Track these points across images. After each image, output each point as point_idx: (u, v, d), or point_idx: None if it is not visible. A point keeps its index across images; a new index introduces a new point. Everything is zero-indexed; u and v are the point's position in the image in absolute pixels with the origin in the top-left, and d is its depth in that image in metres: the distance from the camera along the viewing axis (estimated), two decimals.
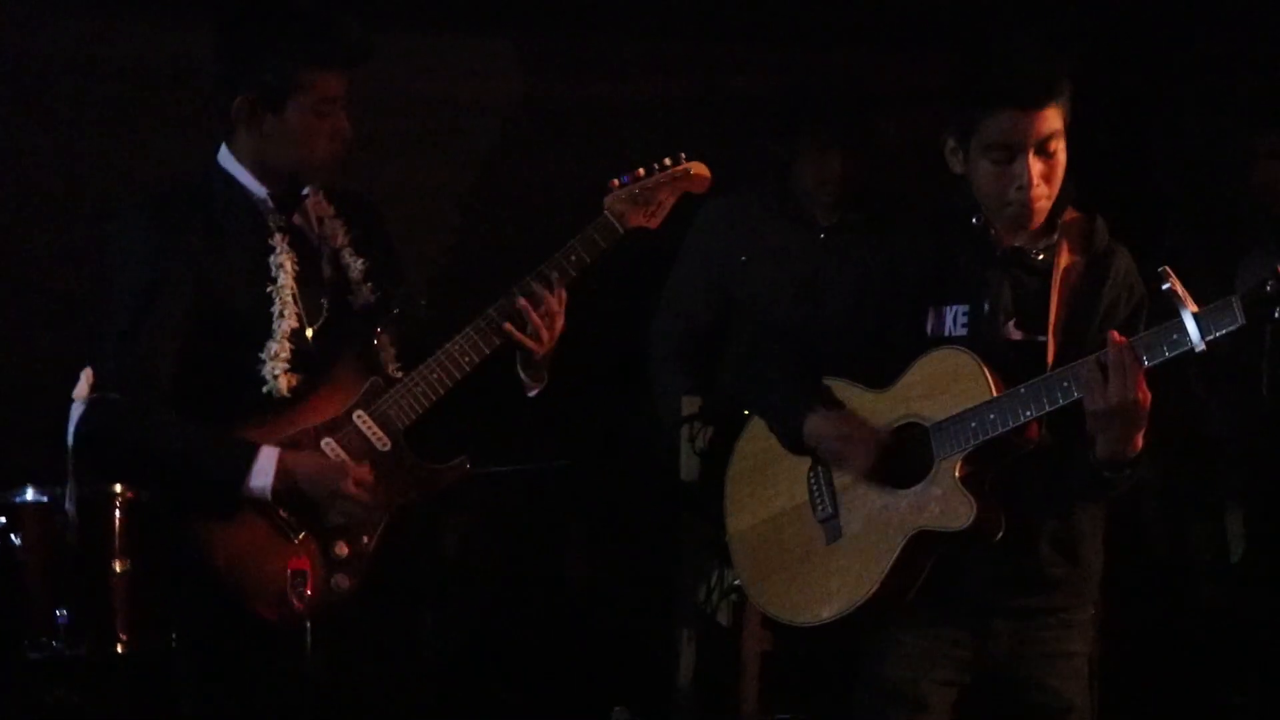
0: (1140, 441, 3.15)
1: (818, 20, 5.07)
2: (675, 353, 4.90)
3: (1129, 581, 4.16)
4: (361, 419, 3.44)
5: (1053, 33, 3.53)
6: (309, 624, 3.28)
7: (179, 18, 4.14)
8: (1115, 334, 3.12)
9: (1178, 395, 3.44)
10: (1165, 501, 4.79)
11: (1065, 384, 3.15)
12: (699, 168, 3.73)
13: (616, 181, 3.68)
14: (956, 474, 3.28)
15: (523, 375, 3.62)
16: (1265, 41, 5.19)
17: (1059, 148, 3.32)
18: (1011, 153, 3.29)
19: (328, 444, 3.40)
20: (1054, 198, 3.37)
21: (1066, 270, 3.39)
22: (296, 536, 3.38)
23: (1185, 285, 3.07)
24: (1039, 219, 3.38)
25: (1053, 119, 3.29)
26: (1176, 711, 4.69)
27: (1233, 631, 4.77)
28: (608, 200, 3.66)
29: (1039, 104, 3.27)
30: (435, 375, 3.50)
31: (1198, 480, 4.78)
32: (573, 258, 3.57)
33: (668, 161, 3.72)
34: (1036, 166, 3.29)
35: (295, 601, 3.23)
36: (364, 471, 3.42)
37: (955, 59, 3.60)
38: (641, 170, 3.69)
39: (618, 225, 3.61)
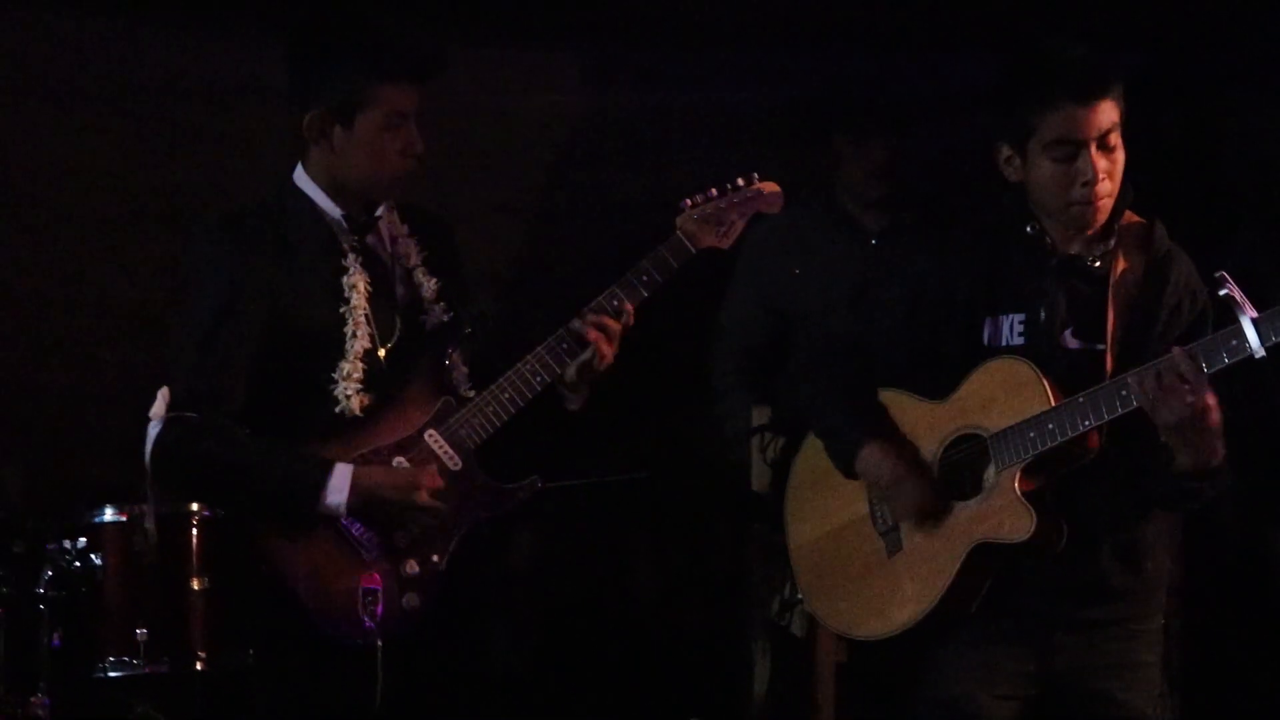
0: (1221, 449, 3.18)
1: (878, 24, 5.06)
2: (736, 371, 4.99)
3: (1209, 590, 4.20)
4: (433, 438, 3.53)
5: (1114, 28, 3.60)
6: (380, 642, 3.33)
7: (257, 35, 4.22)
8: (1178, 350, 3.13)
9: (1254, 398, 3.49)
10: (1243, 507, 4.73)
11: (1123, 393, 3.19)
12: (771, 187, 3.80)
13: (689, 201, 3.76)
14: (1016, 485, 3.34)
15: (567, 393, 3.68)
16: None
17: (1118, 142, 3.38)
18: (1074, 149, 3.34)
19: (399, 463, 3.49)
20: (1115, 195, 3.42)
21: (1123, 277, 3.45)
22: (369, 555, 3.44)
23: (1258, 291, 3.12)
24: (1102, 217, 3.42)
25: (1110, 111, 3.35)
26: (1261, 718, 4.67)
27: None
28: (680, 220, 3.72)
29: (1096, 96, 3.33)
30: (507, 395, 3.57)
31: (1275, 485, 4.76)
32: (644, 278, 3.65)
33: (740, 182, 3.76)
34: (1100, 162, 3.34)
35: (366, 620, 3.35)
36: (436, 480, 3.46)
37: (1002, 63, 3.64)
38: (714, 190, 3.75)
39: (689, 245, 3.69)
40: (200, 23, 4.72)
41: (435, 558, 3.51)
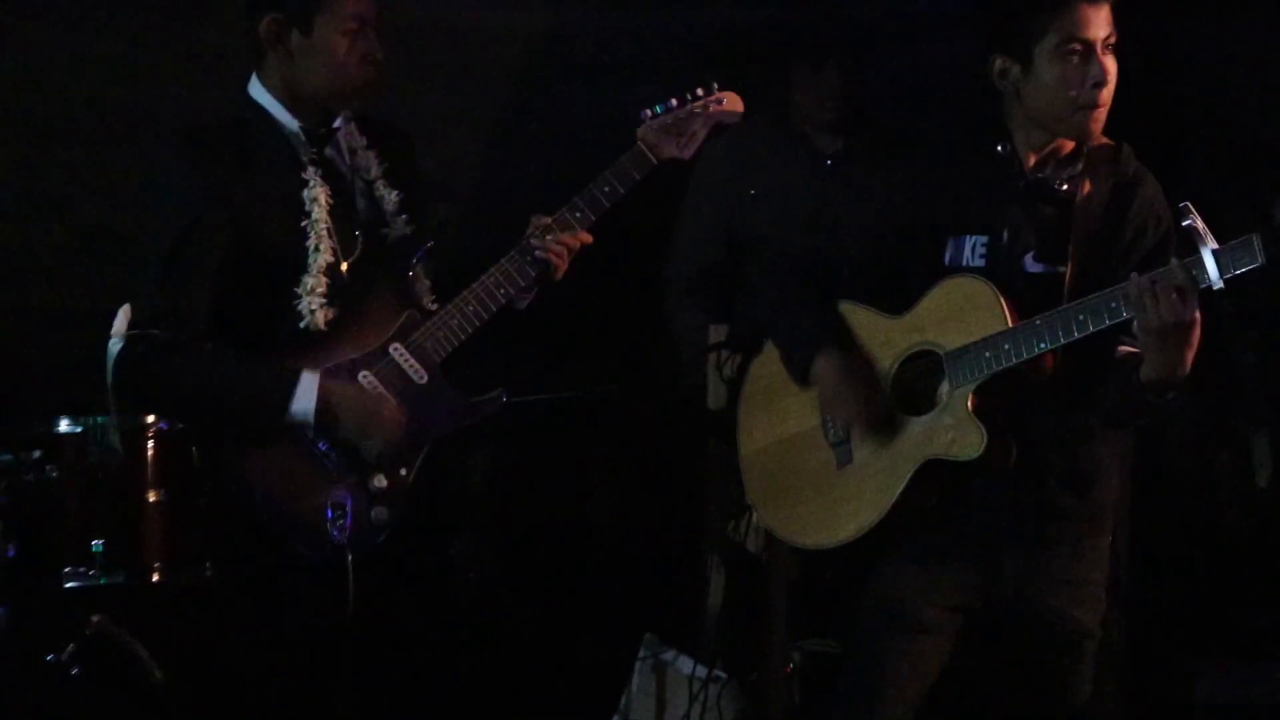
0: (1188, 364, 3.20)
1: None
2: (689, 291, 5.00)
3: (1156, 509, 4.26)
4: (398, 351, 3.56)
5: None
6: (350, 556, 3.38)
7: None
8: (1175, 259, 3.16)
9: (1207, 326, 3.58)
10: (1191, 430, 4.85)
11: (1114, 304, 3.20)
12: (732, 97, 3.83)
13: (650, 112, 3.77)
14: (969, 404, 3.37)
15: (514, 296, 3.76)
16: None
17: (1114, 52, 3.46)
18: (1085, 49, 3.37)
19: (365, 377, 3.53)
20: (1106, 109, 3.44)
21: (1089, 200, 3.48)
22: (336, 470, 3.46)
23: (1209, 219, 3.15)
24: (1100, 127, 3.44)
25: (1111, 18, 3.39)
26: (1204, 635, 4.71)
27: (1259, 554, 4.85)
28: (640, 131, 3.76)
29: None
30: (471, 308, 3.61)
31: (1223, 408, 4.85)
32: (606, 189, 3.69)
33: (700, 91, 3.78)
34: (1109, 64, 3.39)
35: (335, 533, 3.39)
36: (399, 411, 3.51)
37: None
38: (675, 101, 3.79)
39: (651, 156, 3.72)
40: None
41: (403, 471, 3.54)
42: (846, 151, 4.92)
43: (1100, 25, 3.37)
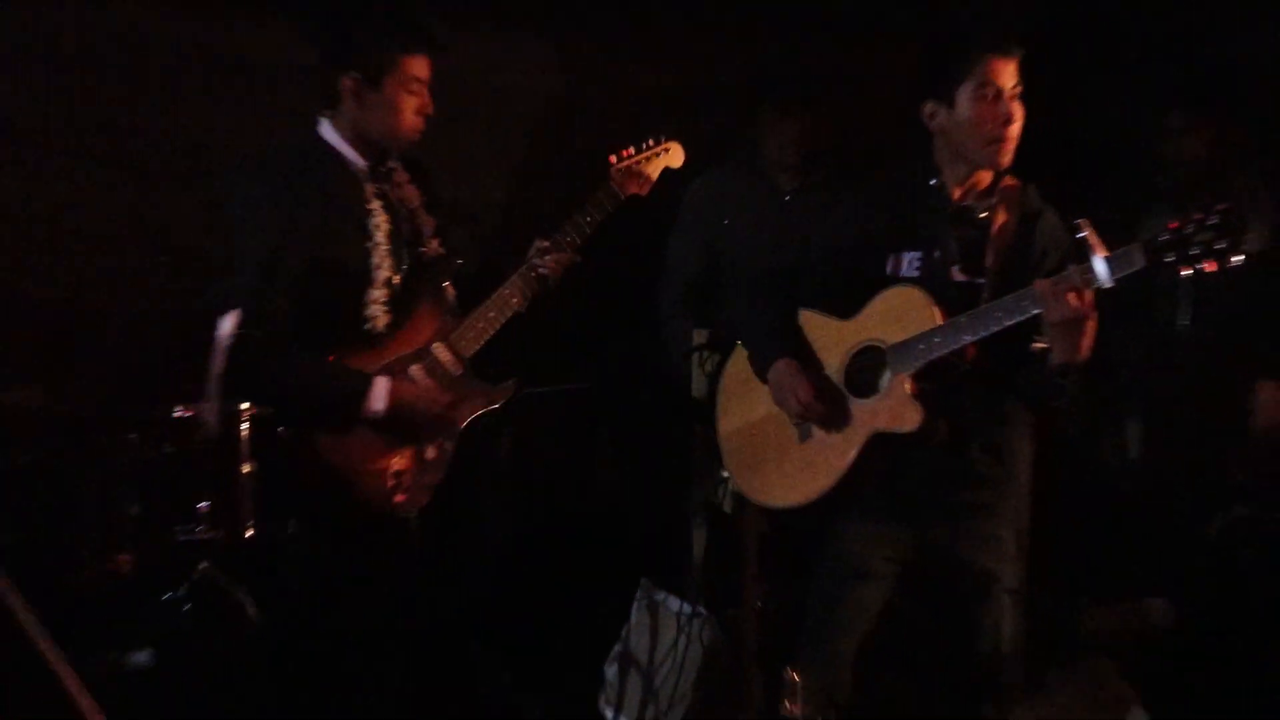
0: (1087, 351, 3.31)
1: (784, 19, 5.25)
2: (678, 302, 5.06)
3: (1056, 477, 4.23)
4: (439, 349, 3.74)
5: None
6: (411, 513, 3.62)
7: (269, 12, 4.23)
8: (1040, 282, 3.28)
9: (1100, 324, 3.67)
10: (1081, 411, 4.95)
11: (1024, 302, 3.30)
12: (676, 148, 4.00)
13: (614, 159, 3.93)
14: (907, 387, 3.49)
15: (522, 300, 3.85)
16: (1174, 38, 5.33)
17: (1020, 101, 3.54)
18: (997, 92, 3.49)
19: (415, 370, 3.69)
20: (1015, 144, 3.54)
21: (1002, 226, 3.57)
22: (398, 445, 3.64)
23: (1105, 232, 3.29)
24: (1008, 159, 3.54)
25: (1017, 71, 3.51)
26: (1090, 576, 4.87)
27: (1134, 508, 4.95)
28: (611, 172, 3.90)
29: (1012, 54, 3.50)
30: (492, 314, 3.77)
31: (1104, 395, 4.95)
32: (586, 218, 3.86)
33: (651, 142, 4.00)
34: (1016, 109, 3.50)
35: (398, 496, 3.59)
36: (445, 397, 3.69)
37: (929, 36, 3.74)
38: (632, 149, 3.95)
39: (619, 193, 3.88)
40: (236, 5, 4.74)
41: (447, 444, 3.72)
42: (803, 188, 4.99)
43: (1009, 76, 3.50)
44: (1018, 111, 3.52)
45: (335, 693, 3.76)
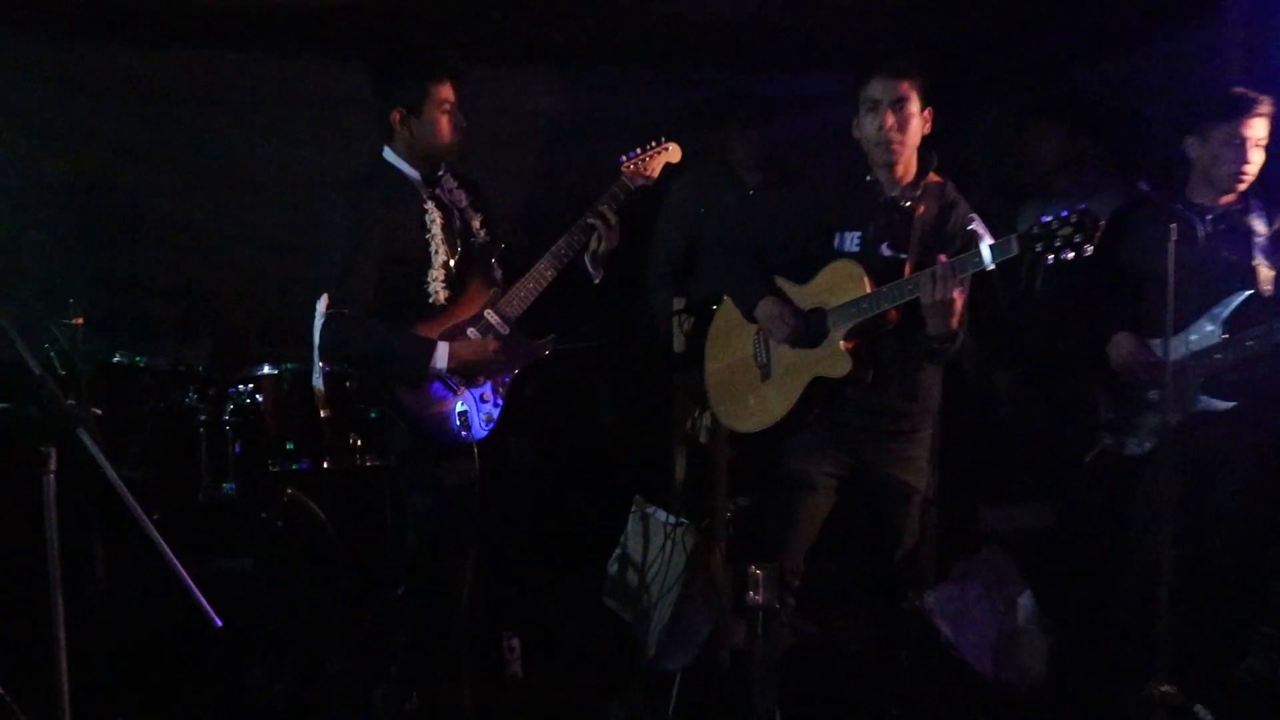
0: (954, 324, 3.37)
1: (741, 53, 5.18)
2: (662, 277, 5.05)
3: (959, 408, 4.29)
4: (490, 314, 3.70)
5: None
6: (475, 443, 3.62)
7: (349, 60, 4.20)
8: (943, 257, 3.32)
9: (989, 295, 3.71)
10: (980, 359, 4.92)
11: (910, 286, 3.37)
12: (674, 147, 3.90)
13: (625, 156, 3.84)
14: (842, 342, 3.53)
15: (590, 269, 3.75)
16: (1033, 67, 5.32)
17: (910, 111, 3.52)
18: (878, 106, 3.51)
19: (471, 331, 3.67)
20: (907, 145, 3.54)
21: (924, 214, 3.57)
22: (459, 391, 3.63)
23: (990, 225, 3.41)
24: (897, 156, 3.54)
25: (902, 89, 3.50)
26: (987, 484, 4.85)
27: (1017, 431, 4.94)
28: (622, 170, 3.83)
29: (892, 76, 3.50)
30: (531, 284, 3.71)
31: (996, 345, 4.92)
32: (603, 206, 3.73)
33: (653, 144, 3.85)
34: (889, 118, 3.49)
35: (463, 432, 3.59)
36: (495, 344, 3.64)
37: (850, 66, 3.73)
38: (640, 149, 3.85)
39: (630, 184, 3.80)
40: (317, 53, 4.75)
41: (500, 389, 3.72)
42: (763, 184, 4.99)
43: (887, 91, 3.51)
44: (892, 122, 3.51)
45: (400, 591, 3.78)
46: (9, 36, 4.40)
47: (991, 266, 3.28)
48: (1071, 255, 3.18)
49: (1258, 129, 3.76)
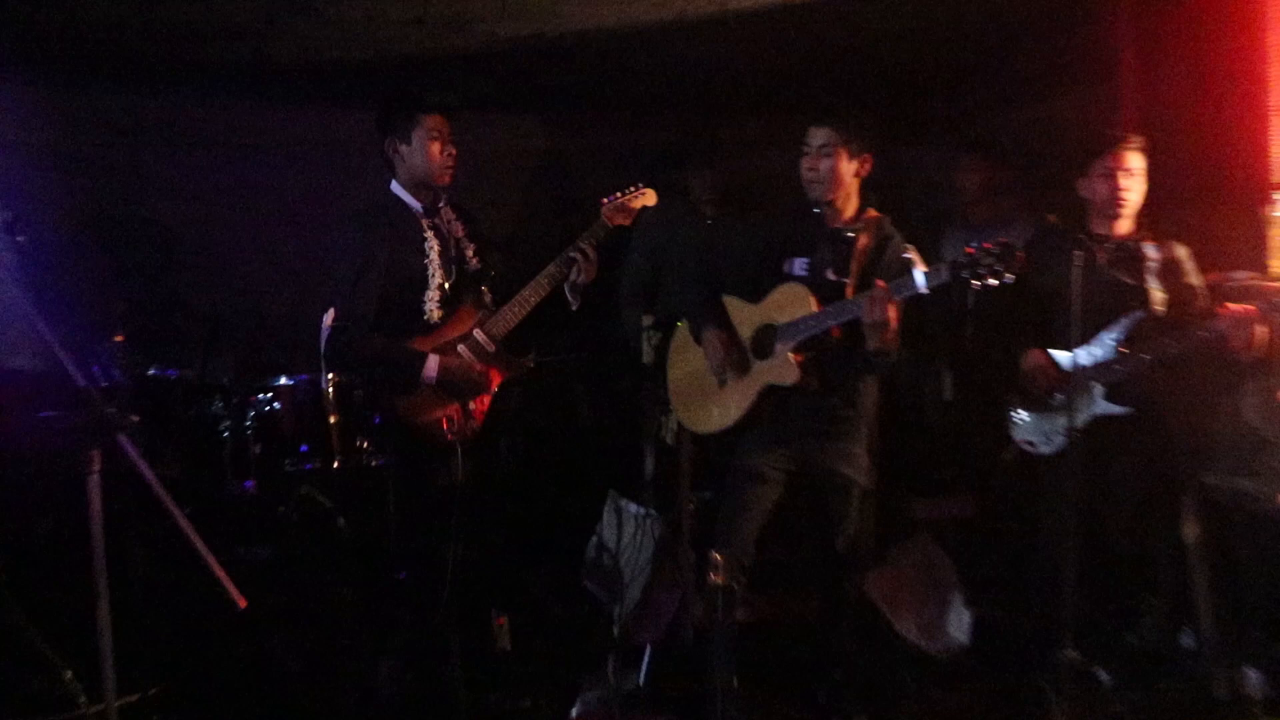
0: (890, 343, 3.39)
1: (702, 101, 5.22)
2: (631, 299, 5.02)
3: (894, 411, 4.35)
4: (478, 333, 3.71)
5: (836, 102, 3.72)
6: (459, 447, 3.59)
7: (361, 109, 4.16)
8: (880, 282, 3.35)
9: (921, 313, 3.73)
10: (912, 369, 4.93)
11: (852, 307, 3.39)
12: (649, 192, 3.90)
13: (605, 200, 3.85)
14: (791, 355, 3.56)
15: (569, 297, 3.77)
16: (941, 111, 5.43)
17: (834, 155, 3.55)
18: (808, 148, 3.56)
19: (460, 348, 3.67)
20: (828, 183, 3.55)
21: (864, 244, 3.61)
22: (448, 400, 3.62)
23: (919, 253, 3.44)
24: (819, 190, 3.57)
25: (824, 135, 3.55)
26: (921, 480, 4.86)
27: (946, 434, 5.00)
28: (602, 209, 3.84)
29: (816, 123, 3.57)
30: (516, 309, 3.72)
31: (926, 357, 4.94)
32: (584, 243, 3.74)
33: (631, 188, 3.88)
34: (811, 157, 3.55)
35: (449, 435, 3.57)
36: (479, 366, 3.64)
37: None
38: (619, 193, 3.86)
39: (609, 223, 3.81)
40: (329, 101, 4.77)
41: (485, 399, 3.72)
42: (720, 216, 4.98)
43: (814, 137, 3.55)
44: (810, 163, 3.56)
45: (405, 573, 3.75)
46: (68, 92, 4.44)
47: (925, 291, 3.30)
48: (995, 283, 3.19)
49: (1126, 161, 3.81)
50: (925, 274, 3.30)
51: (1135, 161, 3.84)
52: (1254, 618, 3.93)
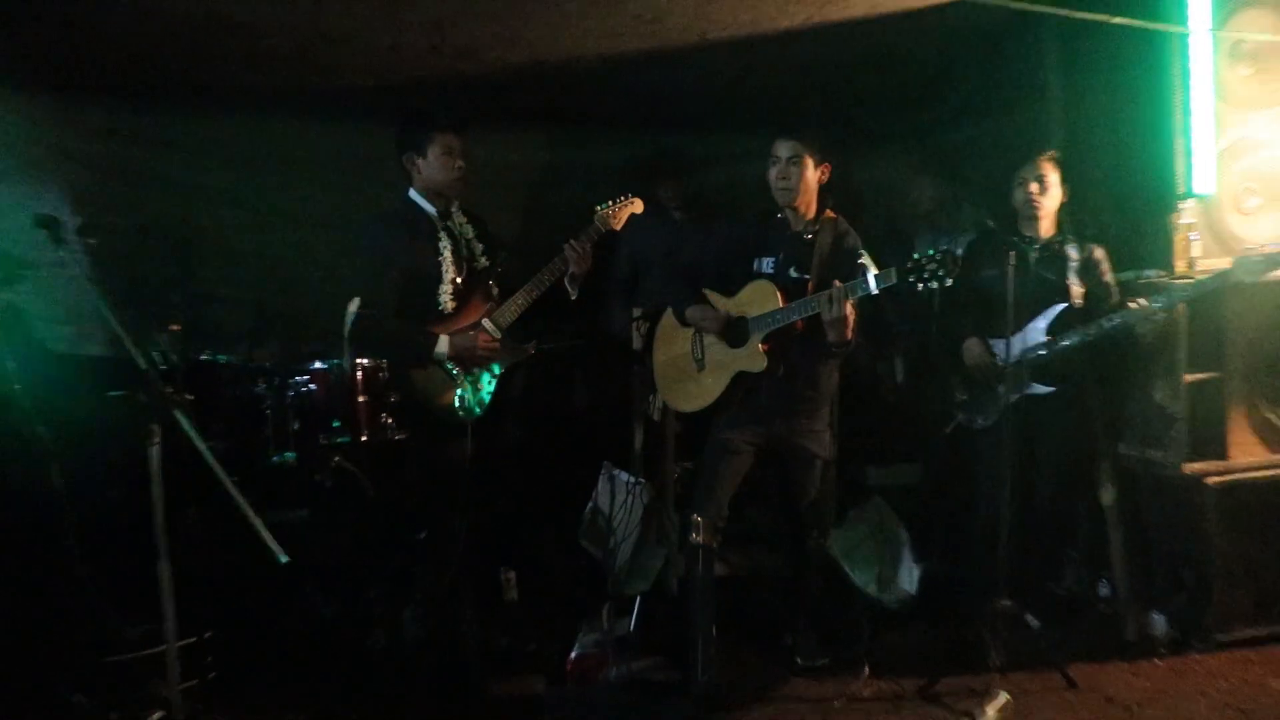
0: (847, 335, 3.41)
1: (678, 118, 5.12)
2: (616, 292, 4.97)
3: (852, 390, 4.22)
4: (486, 323, 3.73)
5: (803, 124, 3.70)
6: (468, 424, 3.64)
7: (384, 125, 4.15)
8: (837, 282, 3.36)
9: (876, 307, 3.77)
10: (870, 354, 4.97)
11: (813, 304, 3.40)
12: (637, 201, 3.92)
13: (599, 206, 3.86)
14: (760, 343, 3.59)
15: (569, 288, 3.77)
16: (909, 130, 5.37)
17: (801, 165, 3.55)
18: (778, 161, 3.57)
19: (471, 334, 3.67)
20: (797, 191, 3.54)
21: (821, 244, 3.62)
22: (459, 379, 3.64)
23: (876, 256, 3.43)
24: (789, 197, 3.56)
25: (792, 148, 3.56)
26: (874, 451, 4.78)
27: (897, 411, 5.02)
28: (595, 216, 3.85)
29: (784, 136, 3.58)
30: (520, 301, 3.74)
31: (881, 344, 5.01)
32: (579, 245, 3.75)
33: (621, 197, 3.90)
34: (780, 168, 3.56)
35: (461, 412, 3.60)
36: (488, 339, 3.65)
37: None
38: (611, 201, 3.87)
39: (601, 228, 3.82)
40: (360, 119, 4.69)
41: (491, 381, 3.72)
42: (686, 220, 4.96)
43: (782, 149, 3.55)
44: (790, 172, 3.55)
45: (424, 533, 3.76)
46: (131, 114, 4.45)
47: (875, 292, 3.32)
48: (935, 285, 3.22)
49: (1034, 171, 3.86)
50: (875, 277, 3.32)
51: (1046, 171, 3.88)
52: (1159, 571, 4.00)
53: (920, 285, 3.23)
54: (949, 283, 3.22)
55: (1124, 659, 3.79)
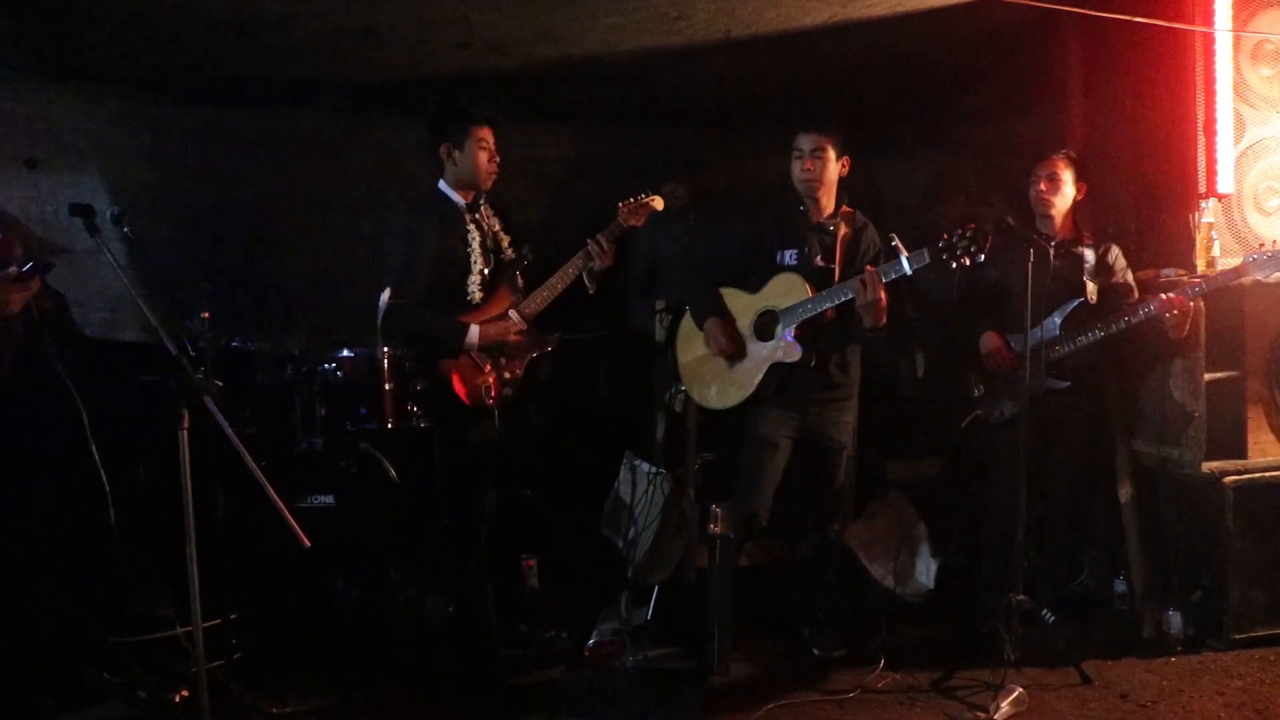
0: (882, 319, 3.45)
1: (702, 115, 5.13)
2: (634, 289, 5.04)
3: (873, 385, 4.21)
4: (513, 313, 3.70)
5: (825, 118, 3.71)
6: (496, 410, 3.61)
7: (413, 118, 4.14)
8: (870, 267, 3.39)
9: (898, 300, 3.73)
10: (890, 346, 4.78)
11: (845, 290, 3.41)
12: (657, 199, 3.85)
13: (621, 203, 3.80)
14: (790, 335, 3.62)
15: (588, 283, 3.73)
16: (927, 131, 5.36)
17: (825, 158, 3.59)
18: (800, 153, 3.61)
19: (500, 325, 3.64)
20: (822, 182, 3.59)
21: (844, 235, 3.67)
22: (487, 366, 3.62)
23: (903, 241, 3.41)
24: (814, 189, 3.60)
25: (817, 140, 3.59)
26: (892, 444, 4.78)
27: (917, 405, 4.88)
28: (619, 211, 3.79)
29: (809, 130, 3.62)
30: (545, 293, 3.70)
31: (902, 339, 4.90)
32: (604, 239, 3.70)
33: (642, 195, 3.82)
34: (800, 160, 3.60)
35: (488, 399, 3.57)
36: (517, 326, 3.64)
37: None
38: (632, 199, 3.81)
39: (624, 224, 3.77)
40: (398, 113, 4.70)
41: (519, 368, 3.70)
42: (698, 217, 4.94)
43: (805, 142, 3.57)
44: (806, 164, 3.57)
45: (447, 519, 3.74)
46: (171, 105, 4.46)
47: (909, 272, 3.34)
48: (968, 261, 3.24)
49: (1047, 168, 3.82)
50: (909, 258, 3.33)
51: (1059, 169, 3.83)
52: (1176, 569, 3.95)
53: (954, 263, 3.25)
54: (980, 258, 3.23)
55: (1139, 656, 3.75)
